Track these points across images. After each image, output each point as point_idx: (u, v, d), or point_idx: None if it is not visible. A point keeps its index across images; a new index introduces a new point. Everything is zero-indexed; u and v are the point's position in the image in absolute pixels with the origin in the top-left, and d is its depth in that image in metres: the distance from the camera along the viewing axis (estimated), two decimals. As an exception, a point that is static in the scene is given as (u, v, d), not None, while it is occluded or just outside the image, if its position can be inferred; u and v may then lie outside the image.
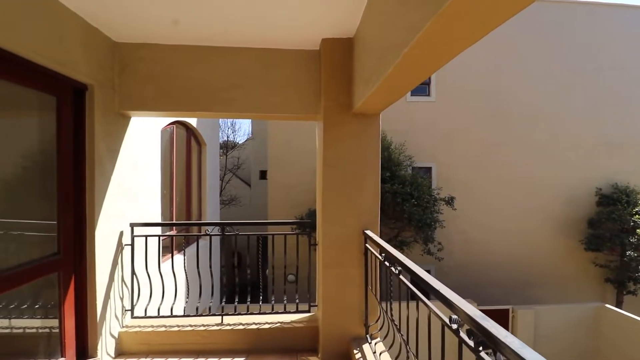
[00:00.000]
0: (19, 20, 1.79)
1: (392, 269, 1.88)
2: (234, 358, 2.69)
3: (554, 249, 11.23)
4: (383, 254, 2.13)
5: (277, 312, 3.06)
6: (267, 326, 2.87)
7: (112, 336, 2.66)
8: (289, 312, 3.07)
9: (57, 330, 2.25)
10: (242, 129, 24.24)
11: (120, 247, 2.77)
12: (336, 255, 2.67)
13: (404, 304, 1.80)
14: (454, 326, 1.18)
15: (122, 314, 2.82)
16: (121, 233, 2.80)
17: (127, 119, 2.89)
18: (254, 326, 2.86)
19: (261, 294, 3.26)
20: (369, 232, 2.53)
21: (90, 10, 2.20)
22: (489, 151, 11.16)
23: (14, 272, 1.93)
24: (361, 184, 2.67)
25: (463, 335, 1.13)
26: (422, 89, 11.11)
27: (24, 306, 2.11)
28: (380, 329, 2.52)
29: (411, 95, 11.04)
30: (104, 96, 2.52)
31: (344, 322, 2.66)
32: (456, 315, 1.18)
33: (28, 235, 2.20)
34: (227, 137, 18.63)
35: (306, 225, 3.18)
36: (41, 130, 2.24)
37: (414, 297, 1.68)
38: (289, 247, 3.14)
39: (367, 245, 2.58)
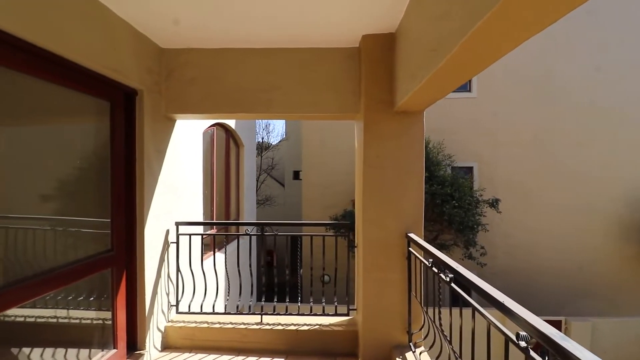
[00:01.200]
0: (77, 30, 1.90)
1: (442, 275, 1.76)
2: (273, 358, 2.69)
3: (613, 255, 10.14)
4: (430, 259, 2.00)
5: (315, 314, 3.03)
6: (305, 328, 2.84)
7: (159, 330, 2.78)
8: (328, 315, 3.02)
9: (110, 323, 2.38)
10: (275, 130, 24.79)
11: (166, 244, 2.89)
12: (377, 259, 2.57)
13: (453, 311, 1.67)
14: (522, 344, 1.06)
15: (168, 309, 2.93)
16: (167, 231, 2.91)
17: (172, 122, 3.01)
18: (292, 327, 2.85)
19: (299, 294, 3.25)
20: (412, 235, 2.41)
21: (140, 18, 2.30)
22: (537, 148, 10.31)
23: (74, 267, 2.07)
24: (404, 184, 2.55)
25: (535, 355, 1.01)
26: (463, 84, 10.51)
27: (81, 298, 2.25)
28: (425, 337, 2.39)
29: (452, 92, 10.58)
30: (152, 100, 2.63)
31: (385, 328, 2.56)
32: (525, 332, 1.06)
33: (85, 233, 2.34)
34: (262, 138, 19.11)
35: (344, 226, 3.11)
36: (96, 133, 2.38)
37: (463, 303, 1.56)
38: (328, 248, 3.10)
39: (410, 249, 2.46)
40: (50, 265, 1.96)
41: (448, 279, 1.67)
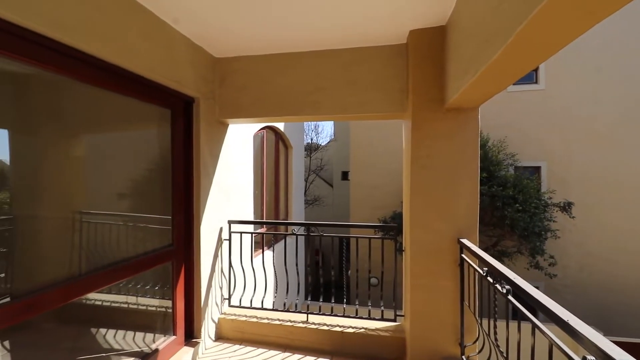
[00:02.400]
0: (144, 48, 2.11)
1: (498, 286, 1.61)
2: (318, 357, 2.71)
3: None
4: (485, 268, 1.85)
5: (361, 317, 2.99)
6: (351, 330, 2.82)
7: (213, 321, 2.97)
8: (374, 319, 2.96)
9: (171, 311, 2.60)
10: (324, 131, 25.06)
11: (219, 241, 3.08)
12: (425, 264, 2.45)
13: (511, 325, 1.52)
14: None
15: (221, 302, 3.12)
16: (221, 229, 3.10)
17: (225, 126, 3.20)
18: (338, 328, 2.84)
19: (345, 295, 3.23)
20: (465, 241, 2.25)
21: (196, 31, 2.48)
22: (618, 144, 8.94)
23: (141, 259, 2.30)
24: (456, 186, 2.39)
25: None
26: (528, 75, 9.33)
27: (147, 287, 2.50)
28: (480, 351, 2.21)
29: (513, 84, 9.68)
30: (207, 107, 2.82)
31: (435, 338, 2.43)
32: (592, 356, 0.92)
33: (151, 228, 2.59)
34: (311, 139, 19.38)
35: (391, 228, 3.02)
36: (160, 138, 2.62)
37: (522, 317, 1.40)
38: (374, 250, 3.03)
39: (462, 255, 2.30)
40: (122, 256, 2.21)
41: (504, 291, 1.52)
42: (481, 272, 1.91)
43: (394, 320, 2.90)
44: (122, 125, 2.35)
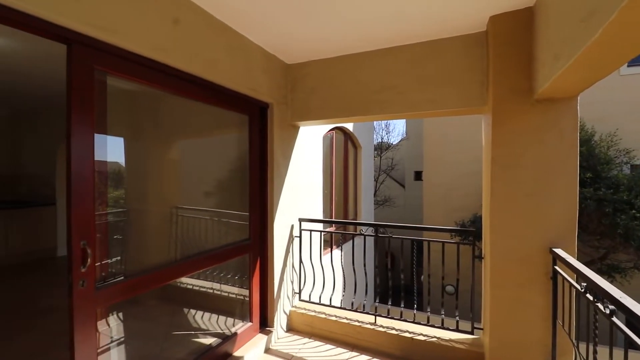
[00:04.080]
0: (225, 60, 2.35)
1: (600, 306, 1.37)
2: (386, 361, 2.66)
3: None
4: (583, 283, 1.59)
5: (432, 326, 2.83)
6: (422, 337, 2.69)
7: (284, 313, 3.14)
8: (447, 329, 2.78)
9: (248, 300, 2.84)
10: (396, 129, 24.26)
11: (291, 238, 3.24)
12: (509, 274, 2.21)
13: (616, 353, 1.27)
14: None
15: (292, 295, 3.28)
16: (292, 226, 3.26)
17: (296, 129, 3.36)
18: (407, 334, 2.74)
19: (415, 301, 3.10)
20: (559, 252, 1.96)
21: (270, 41, 2.66)
22: None
23: (224, 250, 2.57)
24: (548, 188, 2.10)
25: None
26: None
27: (229, 276, 2.78)
28: (577, 380, 1.90)
29: (628, 66, 8.03)
30: (279, 111, 3.01)
31: (519, 357, 2.16)
32: None
33: (232, 223, 2.87)
34: (381, 138, 18.98)
35: (469, 233, 2.79)
36: (238, 142, 2.88)
37: (630, 344, 1.16)
38: (449, 255, 2.84)
39: (556, 267, 2.01)
40: (209, 246, 2.50)
41: (608, 312, 1.28)
42: (579, 287, 1.64)
43: (471, 333, 2.68)
44: (208, 131, 2.66)
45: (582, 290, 1.58)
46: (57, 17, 1.36)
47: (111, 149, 1.81)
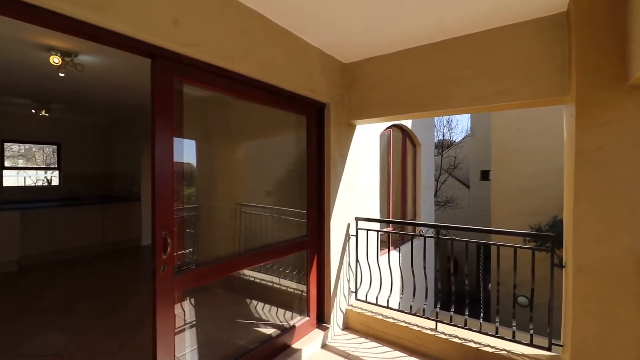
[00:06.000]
0: (284, 63, 2.45)
1: None
2: (448, 371, 2.51)
3: None
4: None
5: (502, 337, 2.59)
6: (489, 349, 2.49)
7: (341, 310, 3.16)
8: (520, 342, 2.52)
9: (306, 295, 2.92)
10: (459, 126, 22.65)
11: (347, 236, 3.25)
12: (598, 287, 1.92)
13: None
14: None
15: (348, 294, 3.29)
16: (348, 225, 3.27)
17: (353, 128, 3.35)
18: (472, 344, 2.56)
19: (482, 309, 2.87)
20: (665, 262, 1.65)
21: (327, 42, 2.70)
22: None
23: (283, 245, 2.68)
24: (648, 187, 1.78)
25: None
26: None
27: (287, 271, 2.89)
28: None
29: None
30: (336, 111, 3.03)
31: (611, 383, 1.87)
32: None
33: (291, 220, 2.98)
34: (443, 135, 17.92)
35: (547, 238, 2.49)
36: (297, 142, 2.98)
37: None
38: (522, 263, 2.58)
39: (660, 281, 1.69)
40: (269, 241, 2.63)
41: None
42: (694, 307, 1.36)
43: (548, 349, 2.39)
44: (269, 133, 2.80)
45: (700, 311, 1.31)
46: (142, 34, 1.57)
47: (186, 151, 2.02)
